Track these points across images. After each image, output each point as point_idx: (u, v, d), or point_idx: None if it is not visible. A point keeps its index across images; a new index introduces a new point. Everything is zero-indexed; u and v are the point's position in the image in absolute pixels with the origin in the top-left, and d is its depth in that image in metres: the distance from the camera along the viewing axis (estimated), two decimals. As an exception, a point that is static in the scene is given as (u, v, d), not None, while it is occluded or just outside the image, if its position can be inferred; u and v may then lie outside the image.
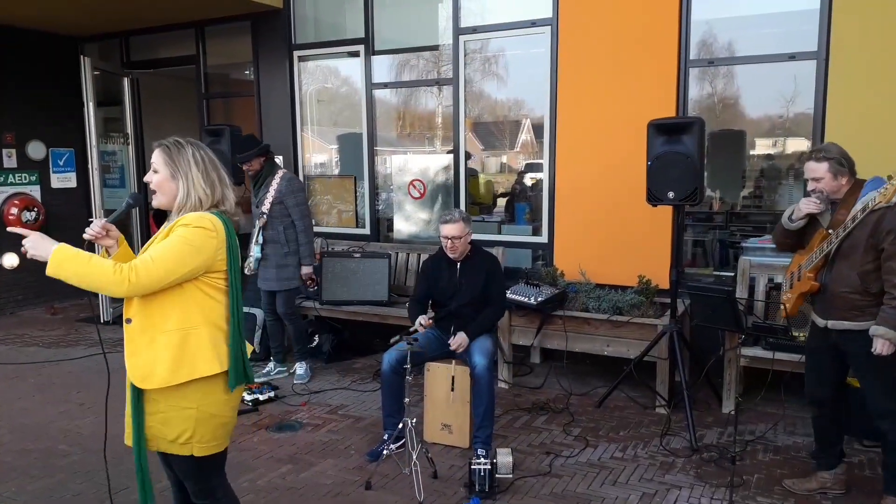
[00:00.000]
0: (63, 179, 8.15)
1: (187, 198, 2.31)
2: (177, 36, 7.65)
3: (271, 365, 5.43)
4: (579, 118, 5.46)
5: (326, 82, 7.25)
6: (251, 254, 5.13)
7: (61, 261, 2.19)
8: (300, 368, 5.30)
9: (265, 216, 5.06)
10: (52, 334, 6.82)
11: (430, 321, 3.98)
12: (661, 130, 4.39)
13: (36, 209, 7.68)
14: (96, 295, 7.85)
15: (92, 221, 2.35)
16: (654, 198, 4.43)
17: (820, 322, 3.29)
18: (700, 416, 4.48)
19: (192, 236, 2.24)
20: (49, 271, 2.20)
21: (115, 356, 2.47)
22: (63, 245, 2.21)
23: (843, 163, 3.19)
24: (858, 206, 3.11)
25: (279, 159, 6.82)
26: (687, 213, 5.62)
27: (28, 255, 2.24)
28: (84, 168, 7.82)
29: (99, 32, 8.02)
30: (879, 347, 3.02)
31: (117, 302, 6.73)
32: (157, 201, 2.37)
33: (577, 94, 5.45)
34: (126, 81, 7.75)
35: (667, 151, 4.34)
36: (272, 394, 4.87)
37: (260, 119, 7.13)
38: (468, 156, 6.72)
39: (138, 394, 2.29)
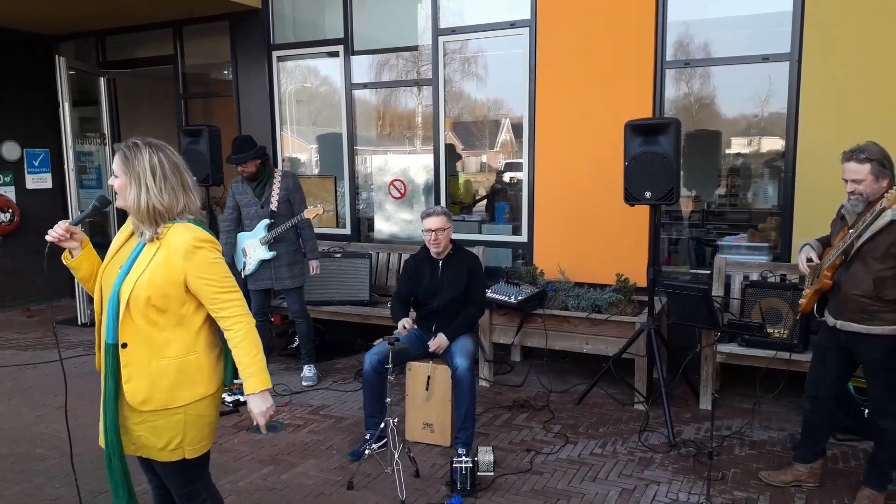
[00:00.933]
0: (38, 180, 8.04)
1: (139, 207, 2.23)
2: (154, 35, 7.58)
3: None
4: (558, 118, 5.51)
5: (306, 82, 7.23)
6: (255, 255, 5.06)
7: (266, 378, 2.37)
8: (309, 371, 5.26)
9: (276, 215, 5.02)
10: (28, 337, 6.73)
11: (413, 324, 4.00)
12: (638, 131, 4.45)
13: (10, 210, 7.58)
14: (73, 295, 7.78)
15: (58, 224, 2.31)
16: (631, 197, 4.49)
17: (830, 321, 3.31)
18: (678, 412, 4.55)
19: (214, 252, 2.30)
20: (270, 385, 2.39)
21: (83, 360, 2.46)
22: (254, 385, 2.33)
23: (885, 164, 3.11)
24: (889, 214, 3.03)
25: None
26: (664, 211, 5.69)
27: (268, 422, 2.41)
28: (60, 169, 7.73)
29: (74, 31, 7.92)
30: None
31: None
32: (119, 203, 2.31)
33: (556, 95, 5.50)
34: (102, 81, 7.67)
35: (643, 152, 4.40)
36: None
37: (239, 119, 7.09)
38: (457, 156, 6.76)
39: (115, 406, 2.26)
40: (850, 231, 3.19)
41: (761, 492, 3.50)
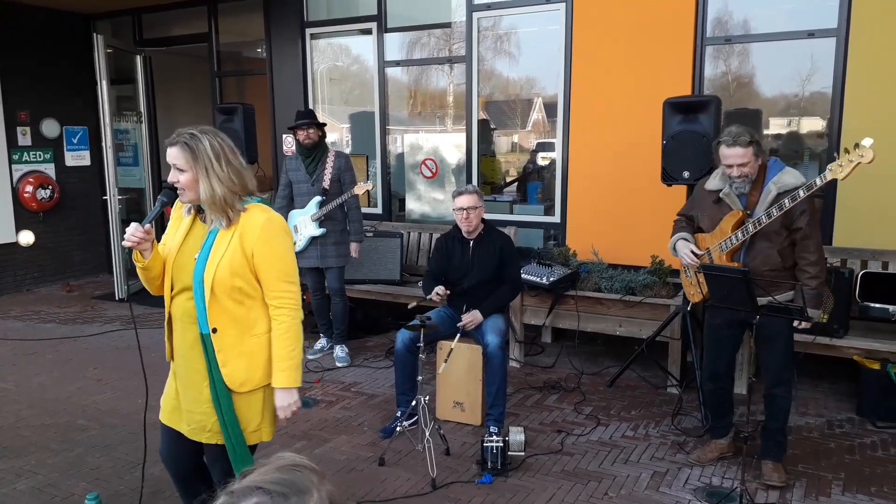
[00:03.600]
0: (77, 157, 8.19)
1: (213, 197, 2.20)
2: (189, 13, 7.62)
3: (323, 341, 5.47)
4: (594, 97, 5.41)
5: (338, 60, 7.22)
6: (305, 232, 5.09)
7: (298, 376, 2.33)
8: (341, 351, 5.31)
9: (327, 193, 5.05)
10: (68, 311, 6.90)
11: (447, 290, 3.98)
12: (678, 109, 4.36)
13: (51, 187, 7.74)
14: (110, 271, 7.94)
15: (130, 227, 2.24)
16: (668, 177, 4.41)
17: (763, 300, 3.25)
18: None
19: (286, 239, 2.32)
20: (300, 384, 2.36)
21: (120, 334, 2.51)
22: (286, 379, 2.31)
23: (760, 144, 3.28)
24: (773, 188, 3.23)
25: (291, 138, 6.84)
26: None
27: (296, 413, 2.40)
28: (98, 146, 7.86)
29: (111, 10, 8.00)
30: (803, 326, 3.21)
31: (133, 278, 6.80)
32: (187, 198, 2.26)
33: (592, 72, 5.40)
34: (139, 59, 7.74)
35: (683, 130, 4.31)
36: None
37: (272, 97, 7.11)
38: (490, 133, 6.71)
39: (228, 393, 2.29)
40: (749, 214, 3.30)
41: (797, 477, 3.44)
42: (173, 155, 2.23)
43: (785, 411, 3.39)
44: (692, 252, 3.50)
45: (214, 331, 2.25)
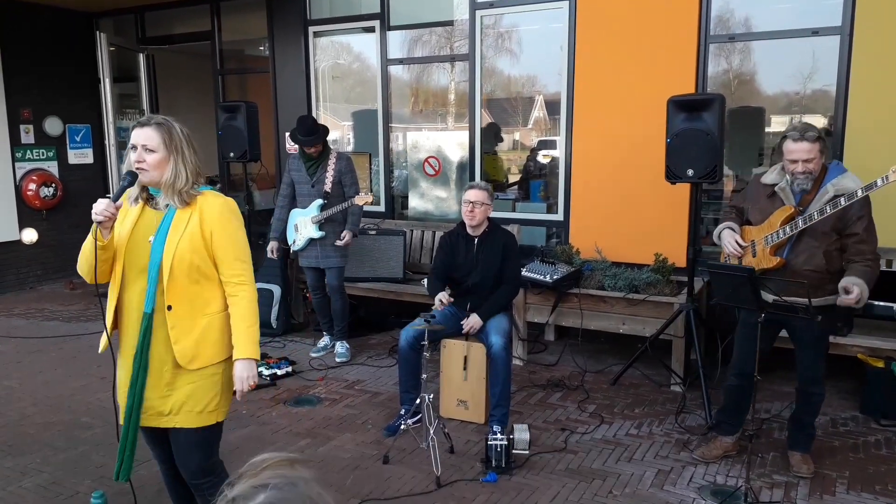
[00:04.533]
0: (80, 155, 8.19)
1: (176, 177, 2.30)
2: (192, 11, 7.62)
3: (326, 339, 5.48)
4: (597, 94, 5.41)
5: (340, 58, 7.21)
6: (305, 232, 5.12)
7: (256, 349, 2.41)
8: (342, 347, 5.32)
9: (328, 195, 5.06)
10: (71, 309, 6.91)
11: (451, 298, 3.99)
12: (682, 107, 4.35)
13: (54, 185, 7.74)
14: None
15: (99, 202, 2.28)
16: (672, 175, 4.40)
17: (769, 297, 3.28)
18: (715, 394, 4.48)
19: (239, 222, 2.43)
20: (258, 357, 2.44)
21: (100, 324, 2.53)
22: (249, 350, 2.38)
23: (826, 143, 3.26)
24: (830, 190, 3.19)
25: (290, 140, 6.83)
26: (703, 190, 5.57)
27: (253, 386, 2.42)
28: (100, 144, 7.87)
29: (114, 8, 7.99)
30: (854, 295, 3.07)
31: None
32: (149, 178, 2.32)
33: (595, 70, 5.39)
34: (142, 57, 7.76)
35: (687, 128, 4.30)
36: (290, 368, 4.93)
37: (275, 95, 7.11)
38: (498, 132, 6.71)
39: (145, 376, 2.36)
40: (801, 210, 3.25)
41: (802, 476, 3.44)
42: (146, 135, 2.30)
43: (819, 405, 3.48)
44: (736, 242, 3.48)
45: (170, 308, 2.32)
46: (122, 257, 2.37)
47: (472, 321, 3.97)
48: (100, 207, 2.26)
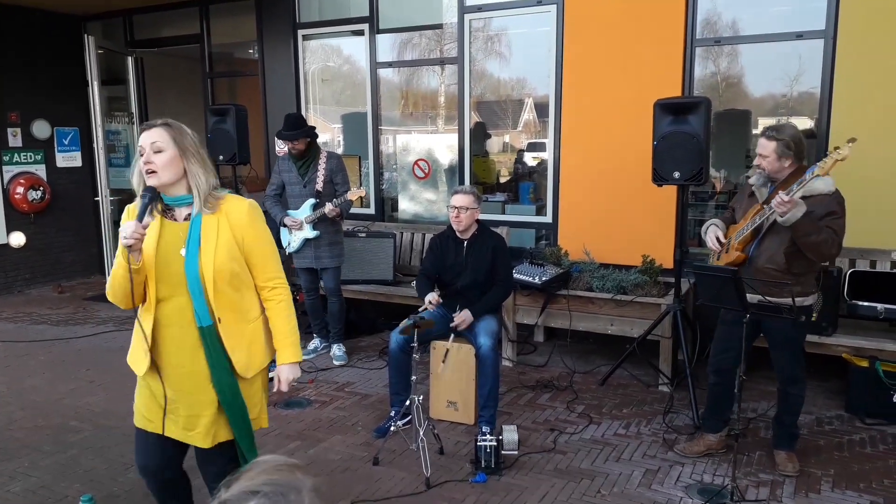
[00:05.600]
0: (68, 158, 8.15)
1: (199, 184, 2.22)
2: (181, 14, 7.61)
3: (316, 342, 5.48)
4: (584, 97, 5.45)
5: (330, 61, 7.23)
6: (299, 234, 5.12)
7: (299, 352, 2.43)
8: (339, 350, 5.33)
9: (320, 195, 5.05)
10: (60, 312, 6.88)
11: (439, 300, 4.01)
12: (668, 110, 4.39)
13: (42, 188, 7.71)
14: (102, 272, 7.92)
15: (125, 226, 2.16)
16: (659, 178, 4.44)
17: (754, 298, 3.31)
18: (703, 394, 4.51)
19: (266, 224, 2.40)
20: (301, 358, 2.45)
21: (113, 335, 2.53)
22: (296, 354, 2.41)
23: (790, 146, 3.29)
24: (798, 190, 3.20)
25: (279, 143, 6.81)
26: (690, 192, 5.62)
27: (290, 384, 2.45)
28: (89, 147, 7.83)
29: (102, 11, 7.97)
30: (786, 195, 3.09)
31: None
32: (159, 180, 2.20)
33: (583, 74, 5.43)
34: (130, 60, 7.73)
35: (673, 131, 4.34)
36: (279, 372, 4.92)
37: (264, 98, 7.11)
38: (487, 135, 6.74)
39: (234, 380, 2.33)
40: (766, 207, 3.31)
41: (798, 474, 3.48)
42: (153, 135, 2.20)
43: (799, 405, 3.52)
44: (716, 238, 3.58)
45: (220, 320, 2.27)
46: (153, 275, 2.25)
47: (464, 315, 3.99)
48: (128, 231, 2.12)
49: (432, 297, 3.99)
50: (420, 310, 3.95)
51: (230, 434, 2.36)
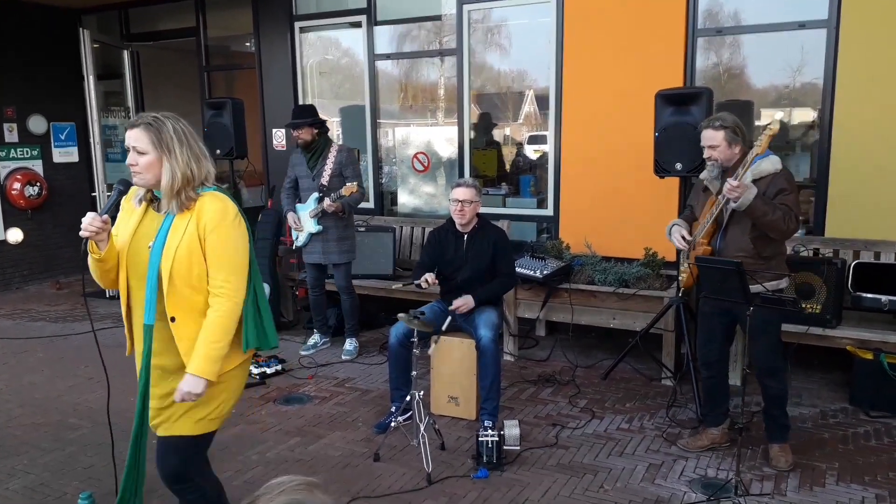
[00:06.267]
0: (65, 154, 8.10)
1: (172, 179, 2.19)
2: (177, 8, 7.55)
3: (316, 337, 5.44)
4: (585, 89, 5.40)
5: (327, 54, 7.17)
6: (304, 228, 5.08)
7: (212, 369, 2.21)
8: (350, 345, 5.29)
9: (325, 189, 4.98)
10: (58, 309, 6.84)
11: (436, 280, 3.95)
12: (669, 101, 4.35)
13: (38, 184, 7.66)
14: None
15: (87, 216, 2.19)
16: (661, 169, 4.40)
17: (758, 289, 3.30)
18: (705, 387, 4.50)
19: (238, 232, 2.27)
20: (214, 378, 2.23)
21: (112, 332, 2.50)
22: (201, 368, 2.20)
23: (737, 132, 3.32)
24: (748, 174, 3.22)
25: (281, 132, 6.76)
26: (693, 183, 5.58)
27: (186, 397, 2.22)
28: (86, 142, 7.78)
29: (97, 4, 7.90)
30: (735, 181, 3.14)
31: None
32: (143, 181, 2.24)
33: (584, 65, 5.38)
34: (126, 54, 7.68)
35: (675, 122, 4.30)
36: (279, 367, 4.90)
37: (262, 91, 7.06)
38: (491, 125, 6.70)
39: (147, 388, 2.30)
40: (719, 197, 3.31)
41: (791, 468, 3.45)
42: (135, 136, 2.21)
43: (780, 398, 3.45)
44: (681, 237, 3.58)
45: (173, 319, 2.24)
46: (125, 262, 2.28)
47: (465, 298, 3.94)
48: (85, 222, 2.17)
49: (429, 276, 3.90)
50: (421, 297, 3.89)
51: (187, 429, 2.33)
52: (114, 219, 2.36)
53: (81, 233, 2.18)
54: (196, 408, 2.29)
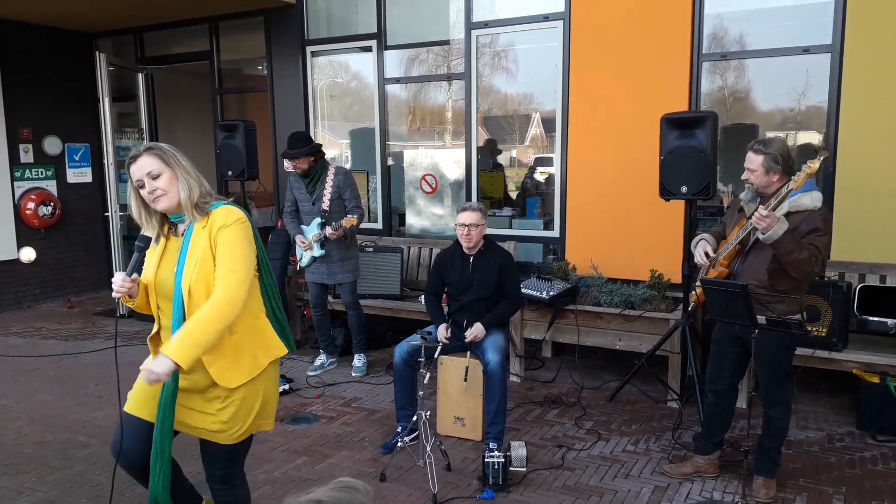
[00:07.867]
0: (79, 174, 8.23)
1: (191, 190, 2.29)
2: (190, 31, 7.69)
3: (323, 358, 5.47)
4: (591, 112, 5.46)
5: (338, 77, 7.28)
6: (307, 252, 5.14)
7: (185, 354, 2.16)
8: (359, 361, 5.33)
9: (327, 214, 5.05)
10: (69, 327, 6.91)
11: (449, 336, 4.00)
12: (675, 125, 4.40)
13: (52, 204, 7.77)
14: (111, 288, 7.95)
15: (116, 277, 2.34)
16: (666, 192, 4.44)
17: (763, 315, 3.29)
18: (712, 410, 4.49)
19: (243, 233, 2.32)
20: (188, 366, 2.18)
21: (129, 349, 2.55)
22: (176, 352, 2.15)
23: (777, 160, 3.23)
24: (785, 205, 3.15)
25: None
26: (699, 206, 5.61)
27: (153, 382, 2.21)
28: (99, 163, 7.90)
29: (113, 28, 8.07)
30: (764, 210, 3.07)
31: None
32: (169, 201, 2.30)
33: (590, 89, 5.45)
34: (140, 77, 7.81)
35: (680, 146, 4.35)
36: (286, 386, 4.92)
37: (273, 114, 7.17)
38: (497, 150, 6.77)
39: (173, 407, 2.35)
40: (749, 221, 3.25)
41: (798, 492, 3.44)
42: (146, 163, 2.28)
43: (781, 431, 3.37)
44: (704, 252, 3.55)
45: None
46: (153, 292, 2.40)
47: (476, 329, 3.97)
48: (116, 284, 2.32)
49: (443, 330, 3.99)
50: (427, 328, 3.94)
51: (230, 438, 2.41)
52: (139, 272, 2.46)
53: (114, 294, 2.34)
54: (235, 419, 2.36)
